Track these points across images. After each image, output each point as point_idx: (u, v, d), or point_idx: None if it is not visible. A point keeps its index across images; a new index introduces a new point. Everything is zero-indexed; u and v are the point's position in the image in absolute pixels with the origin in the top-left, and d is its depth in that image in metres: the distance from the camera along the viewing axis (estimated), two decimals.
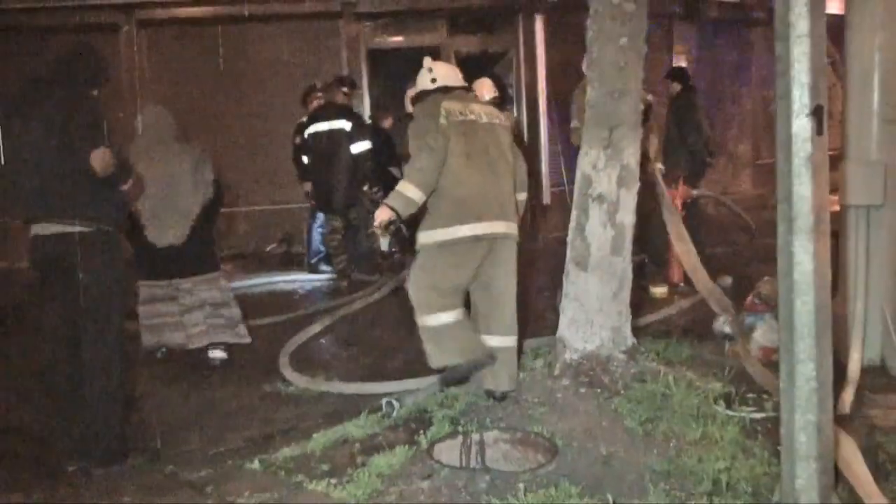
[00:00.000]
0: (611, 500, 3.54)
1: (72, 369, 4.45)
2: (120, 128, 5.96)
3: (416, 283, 4.83)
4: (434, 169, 4.71)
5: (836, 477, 3.41)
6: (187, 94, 11.57)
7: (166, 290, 6.34)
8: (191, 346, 6.34)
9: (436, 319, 4.79)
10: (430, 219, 4.79)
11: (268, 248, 11.65)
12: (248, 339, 6.58)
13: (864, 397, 4.68)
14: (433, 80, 5.03)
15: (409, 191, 4.69)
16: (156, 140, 6.22)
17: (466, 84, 5.19)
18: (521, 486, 3.66)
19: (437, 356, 4.86)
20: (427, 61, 5.14)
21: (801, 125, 3.15)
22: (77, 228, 4.33)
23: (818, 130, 3.15)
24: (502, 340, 4.87)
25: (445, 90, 4.99)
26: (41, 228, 4.37)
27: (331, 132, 8.65)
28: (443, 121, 4.76)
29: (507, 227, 4.81)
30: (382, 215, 4.65)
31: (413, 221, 4.89)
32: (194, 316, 6.33)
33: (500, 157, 4.87)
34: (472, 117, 4.85)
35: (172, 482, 4.18)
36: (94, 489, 4.13)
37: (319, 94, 9.16)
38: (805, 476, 3.25)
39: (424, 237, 4.81)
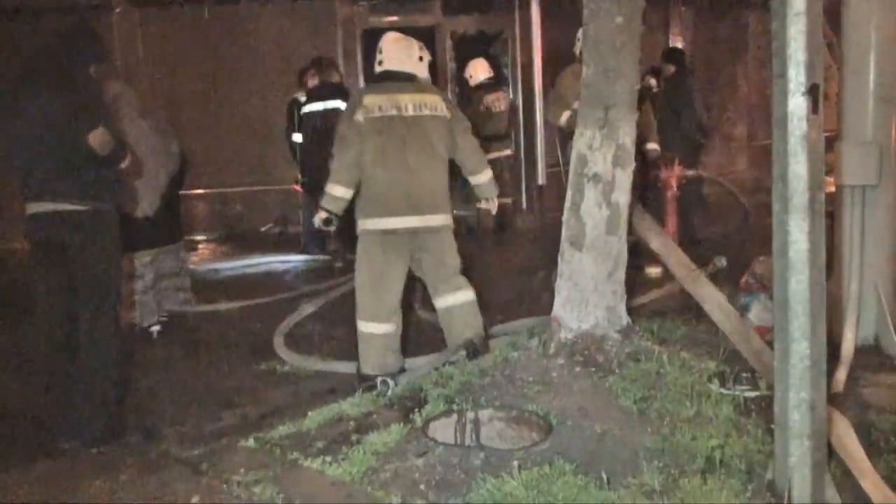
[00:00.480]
0: (605, 478, 3.55)
1: (67, 348, 4.45)
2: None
3: (358, 275, 5.14)
4: (351, 165, 5.03)
5: (829, 454, 3.43)
6: (181, 73, 11.54)
7: (135, 266, 6.55)
8: (144, 323, 6.60)
9: (365, 326, 5.10)
10: (356, 208, 5.14)
11: (262, 229, 11.65)
12: (191, 308, 7.08)
13: (857, 376, 4.71)
14: (380, 63, 5.19)
15: (334, 190, 5.09)
16: (121, 116, 6.21)
17: (413, 70, 5.18)
18: (516, 463, 3.67)
19: (361, 359, 5.15)
20: (383, 39, 5.25)
21: (797, 104, 3.15)
22: (74, 207, 4.32)
23: (814, 109, 3.15)
24: (453, 298, 5.21)
25: (384, 77, 5.15)
26: (38, 207, 4.36)
27: (325, 112, 8.62)
28: (359, 118, 4.99)
29: (420, 221, 5.02)
30: (319, 217, 5.15)
31: None
32: (152, 293, 6.64)
33: (422, 151, 5.02)
34: (393, 112, 4.99)
35: (168, 460, 4.20)
36: (90, 467, 4.14)
37: (314, 72, 9.13)
38: (798, 453, 3.27)
39: (357, 224, 5.14)
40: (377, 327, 5.07)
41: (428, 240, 5.12)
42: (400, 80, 5.10)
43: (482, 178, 5.36)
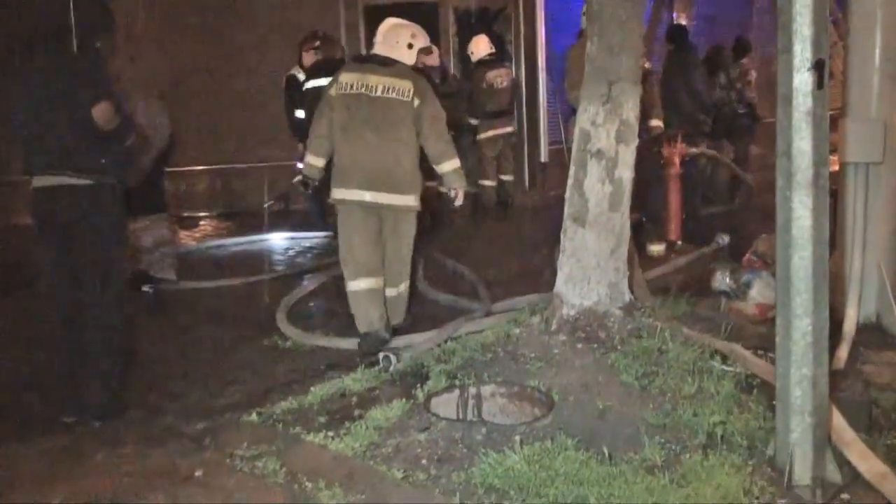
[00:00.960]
0: (606, 453, 3.57)
1: (71, 322, 4.46)
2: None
3: (339, 240, 5.53)
4: (321, 135, 5.45)
5: None
6: (183, 49, 11.47)
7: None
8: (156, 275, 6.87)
9: (348, 286, 5.44)
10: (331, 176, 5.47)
11: (265, 205, 11.62)
12: (173, 278, 7.16)
13: (859, 354, 4.71)
14: (374, 44, 5.52)
15: (308, 157, 5.59)
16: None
17: (396, 56, 5.40)
18: (518, 438, 3.69)
19: (355, 319, 5.44)
20: (381, 25, 5.56)
21: (803, 79, 3.14)
22: (79, 181, 4.32)
23: (819, 84, 3.14)
24: (389, 291, 5.51)
25: (366, 58, 5.55)
26: (43, 180, 4.36)
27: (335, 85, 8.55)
28: (332, 92, 5.39)
29: (375, 198, 5.27)
30: (297, 180, 5.77)
31: None
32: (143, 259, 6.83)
33: (384, 132, 5.26)
34: (362, 91, 5.28)
35: (171, 434, 4.21)
36: (94, 440, 4.16)
37: (318, 45, 9.06)
38: (800, 429, 3.28)
39: None
40: (355, 284, 5.38)
41: (388, 217, 5.38)
42: (377, 63, 5.37)
43: (445, 167, 5.45)
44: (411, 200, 5.35)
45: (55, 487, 3.66)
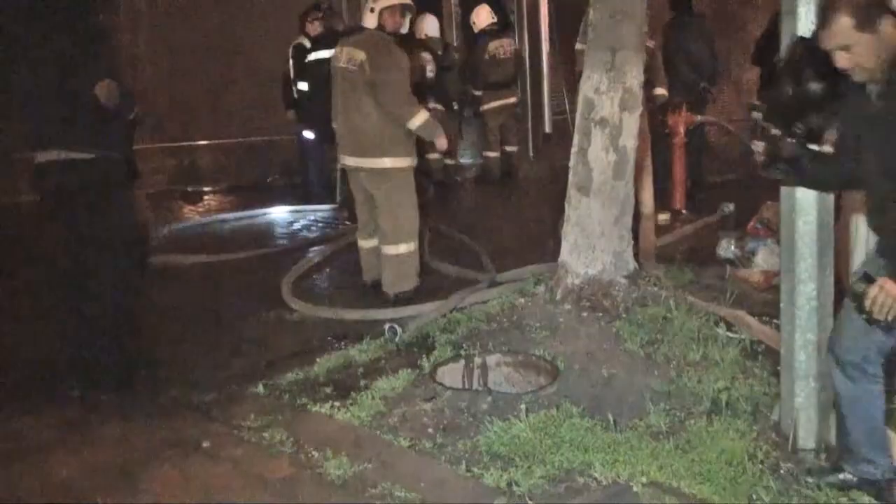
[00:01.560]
0: (611, 420, 3.59)
1: (77, 296, 4.47)
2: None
3: None
4: (331, 102, 5.89)
5: None
6: (184, 23, 11.42)
7: None
8: None
9: (358, 243, 6.08)
10: None
11: (268, 180, 11.60)
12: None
13: None
14: None
15: (334, 122, 5.98)
16: None
17: (364, 24, 5.67)
18: (523, 406, 3.71)
19: None
20: None
21: None
22: (82, 155, 4.31)
23: None
24: (384, 249, 5.73)
25: (352, 30, 6.02)
26: (46, 155, 4.36)
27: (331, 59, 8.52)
28: (333, 62, 5.82)
29: (356, 162, 5.69)
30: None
31: None
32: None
33: (353, 99, 5.60)
34: (339, 63, 5.69)
35: (178, 406, 4.24)
36: (103, 413, 4.18)
37: (321, 16, 9.01)
38: (804, 394, 3.30)
39: None
40: (359, 242, 6.04)
41: (371, 181, 5.67)
42: (352, 34, 5.82)
43: (412, 124, 5.58)
44: (384, 163, 5.58)
45: (63, 459, 3.69)
